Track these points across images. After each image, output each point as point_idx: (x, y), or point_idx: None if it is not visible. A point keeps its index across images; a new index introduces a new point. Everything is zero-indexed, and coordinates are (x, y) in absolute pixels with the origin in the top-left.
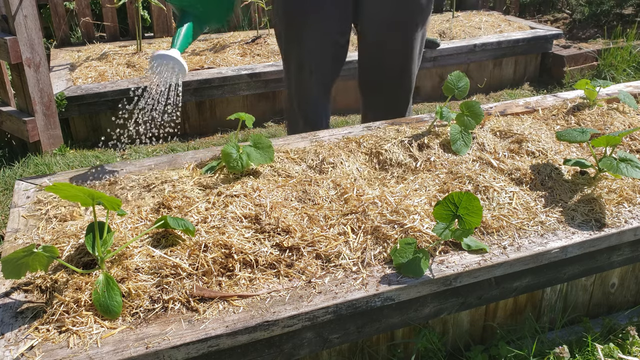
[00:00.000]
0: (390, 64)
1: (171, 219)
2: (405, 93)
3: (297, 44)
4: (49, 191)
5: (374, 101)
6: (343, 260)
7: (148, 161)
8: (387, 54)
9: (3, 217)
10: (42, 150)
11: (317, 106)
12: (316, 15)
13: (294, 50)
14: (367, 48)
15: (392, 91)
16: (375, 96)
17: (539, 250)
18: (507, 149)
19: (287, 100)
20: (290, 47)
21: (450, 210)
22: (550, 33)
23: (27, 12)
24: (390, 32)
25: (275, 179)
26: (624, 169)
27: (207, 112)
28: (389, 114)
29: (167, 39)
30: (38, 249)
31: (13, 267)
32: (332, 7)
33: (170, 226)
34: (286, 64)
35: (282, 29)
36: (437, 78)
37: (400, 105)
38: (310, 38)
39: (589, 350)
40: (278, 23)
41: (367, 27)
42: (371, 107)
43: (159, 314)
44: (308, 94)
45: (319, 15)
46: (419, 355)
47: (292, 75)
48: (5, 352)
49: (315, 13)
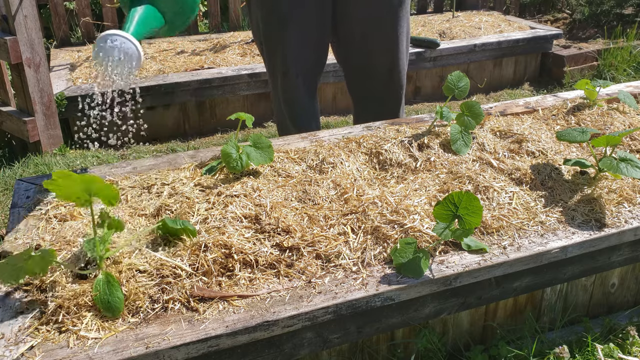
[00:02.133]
0: (377, 63)
1: (170, 220)
2: (396, 92)
3: (280, 47)
4: (47, 187)
5: (365, 103)
6: (343, 260)
7: (148, 161)
8: (372, 54)
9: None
10: (42, 150)
11: (305, 108)
12: (298, 17)
13: (278, 54)
14: (352, 50)
15: (382, 91)
16: (366, 98)
17: (539, 250)
18: (507, 149)
19: (274, 104)
20: (273, 51)
21: (450, 210)
22: (550, 33)
23: (27, 12)
24: (373, 31)
25: (275, 179)
26: (624, 168)
27: (207, 112)
28: (382, 115)
29: (168, 39)
30: (36, 253)
31: (11, 272)
32: (312, 8)
33: (169, 227)
34: (270, 69)
35: (263, 35)
36: (437, 78)
37: (393, 105)
38: (292, 39)
39: (589, 351)
40: (258, 30)
41: (348, 28)
42: (364, 109)
43: (159, 314)
44: (295, 97)
45: (301, 17)
46: (419, 355)
47: (277, 79)
48: (5, 352)
49: (297, 15)
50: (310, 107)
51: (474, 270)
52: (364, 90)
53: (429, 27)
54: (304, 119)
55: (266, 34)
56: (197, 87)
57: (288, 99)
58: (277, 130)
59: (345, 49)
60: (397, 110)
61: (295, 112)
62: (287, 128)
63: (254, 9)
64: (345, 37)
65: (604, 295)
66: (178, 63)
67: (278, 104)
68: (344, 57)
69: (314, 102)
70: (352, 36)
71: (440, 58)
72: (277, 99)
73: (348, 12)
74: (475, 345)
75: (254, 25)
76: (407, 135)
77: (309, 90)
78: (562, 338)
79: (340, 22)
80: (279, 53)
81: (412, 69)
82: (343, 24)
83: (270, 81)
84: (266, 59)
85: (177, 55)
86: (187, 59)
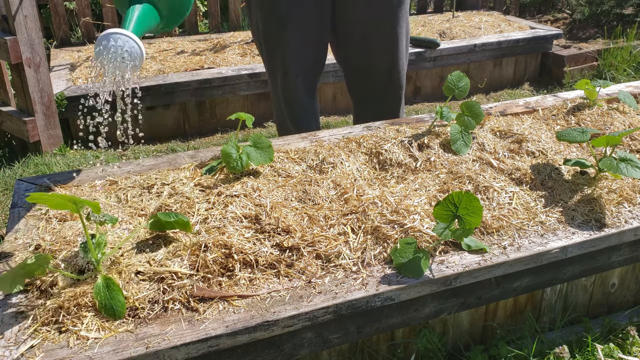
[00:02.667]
0: (376, 63)
1: (163, 214)
2: (395, 92)
3: (280, 47)
4: (33, 202)
5: (365, 103)
6: (343, 260)
7: (148, 161)
8: (372, 54)
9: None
10: (42, 150)
11: (305, 108)
12: (297, 17)
13: (278, 54)
14: (352, 50)
15: (382, 90)
16: (366, 98)
17: (539, 250)
18: (507, 149)
19: (274, 104)
20: (273, 51)
21: (451, 211)
22: (550, 33)
23: (27, 12)
24: (373, 31)
25: (275, 179)
26: (624, 168)
27: (207, 112)
28: (382, 115)
29: (167, 39)
30: (31, 260)
31: (12, 282)
32: (312, 8)
33: (163, 222)
34: (270, 69)
35: (263, 35)
36: (437, 78)
37: (393, 104)
38: (292, 39)
39: (589, 351)
40: (258, 31)
41: (348, 28)
42: (364, 109)
43: (159, 314)
44: (295, 97)
45: (300, 17)
46: (419, 355)
47: (277, 79)
48: (5, 352)
49: (297, 15)
50: (310, 107)
51: (474, 270)
52: (363, 90)
53: (429, 27)
54: (304, 119)
55: (266, 34)
56: (197, 87)
57: (288, 99)
58: (277, 130)
59: (345, 49)
60: (397, 110)
61: (295, 112)
62: (287, 128)
63: (254, 9)
64: (344, 37)
65: (604, 295)
66: (178, 63)
67: (278, 104)
68: (343, 57)
69: (313, 102)
70: (352, 36)
71: (440, 58)
72: (277, 99)
73: (347, 12)
74: (475, 345)
75: (253, 25)
76: (407, 135)
77: (309, 90)
78: (562, 338)
79: (340, 22)
80: (279, 53)
81: (412, 69)
82: (342, 25)
83: (270, 81)
84: (265, 59)
85: (177, 55)
86: (187, 59)
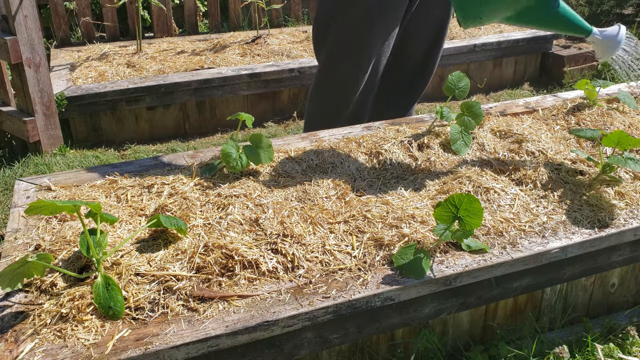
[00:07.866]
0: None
1: (164, 217)
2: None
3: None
4: (31, 214)
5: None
6: (343, 260)
7: (148, 161)
8: (422, 64)
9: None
10: (42, 150)
11: (367, 102)
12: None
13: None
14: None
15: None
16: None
17: (539, 250)
18: (507, 149)
19: (321, 93)
20: (353, 45)
21: (451, 212)
22: (550, 33)
23: (27, 12)
24: (432, 47)
25: (275, 179)
26: (632, 164)
27: (207, 112)
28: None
29: (167, 39)
30: (32, 258)
31: (10, 279)
32: (399, 12)
33: (163, 225)
34: (338, 60)
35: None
36: (437, 78)
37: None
38: (381, 35)
39: (589, 350)
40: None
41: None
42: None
43: (159, 314)
44: (365, 92)
45: (391, 18)
46: (419, 355)
47: (345, 72)
48: (5, 352)
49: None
50: (370, 100)
51: (474, 270)
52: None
53: None
54: (364, 111)
55: (353, 24)
56: (197, 87)
57: (355, 93)
58: (305, 124)
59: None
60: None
61: (358, 106)
62: (328, 120)
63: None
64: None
65: (604, 295)
66: (178, 63)
67: (334, 98)
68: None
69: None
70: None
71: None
72: (335, 91)
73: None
74: (475, 345)
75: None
76: (407, 135)
77: (374, 87)
78: (562, 338)
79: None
80: (365, 47)
81: None
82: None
83: (332, 72)
84: (338, 51)
85: (177, 55)
86: (187, 59)
